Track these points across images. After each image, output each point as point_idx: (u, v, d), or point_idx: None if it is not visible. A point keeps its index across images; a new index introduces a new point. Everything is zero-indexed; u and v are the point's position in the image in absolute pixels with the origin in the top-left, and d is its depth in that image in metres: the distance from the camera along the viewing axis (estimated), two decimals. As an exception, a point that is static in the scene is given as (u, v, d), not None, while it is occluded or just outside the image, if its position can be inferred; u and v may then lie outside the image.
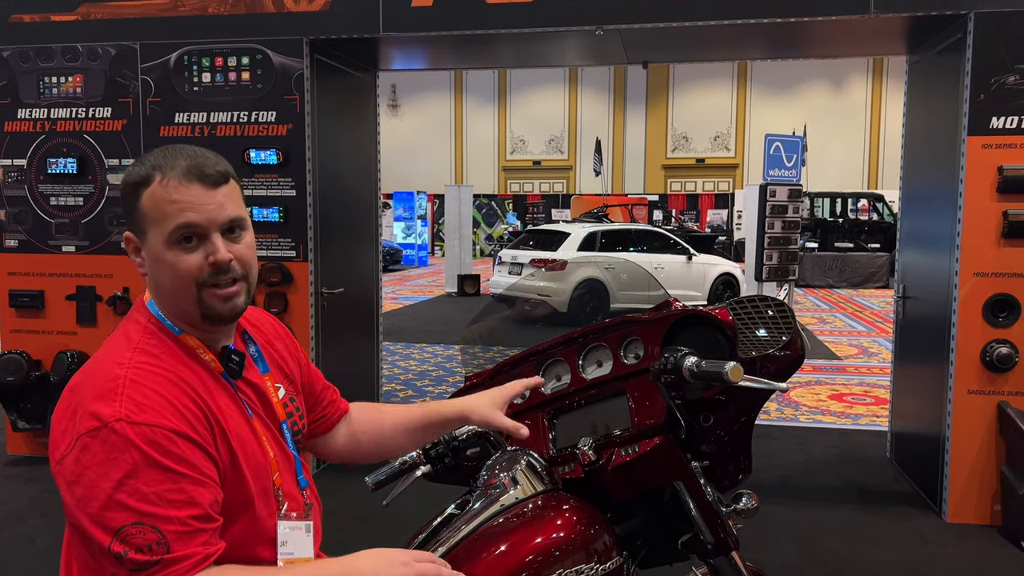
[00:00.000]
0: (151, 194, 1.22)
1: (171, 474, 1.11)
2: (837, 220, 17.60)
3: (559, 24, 4.18)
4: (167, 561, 1.08)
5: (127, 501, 1.08)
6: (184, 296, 1.24)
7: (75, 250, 4.70)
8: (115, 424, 1.11)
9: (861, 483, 4.54)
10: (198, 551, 1.11)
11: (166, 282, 1.24)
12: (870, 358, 8.57)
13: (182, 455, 1.13)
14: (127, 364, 1.19)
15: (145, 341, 1.24)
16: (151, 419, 1.12)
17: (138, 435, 1.10)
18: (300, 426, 1.46)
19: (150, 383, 1.17)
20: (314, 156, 4.49)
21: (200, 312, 1.25)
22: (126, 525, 1.08)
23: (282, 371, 1.46)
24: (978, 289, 3.81)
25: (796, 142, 10.56)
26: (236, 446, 1.24)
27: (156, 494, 1.09)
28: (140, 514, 1.08)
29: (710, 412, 1.59)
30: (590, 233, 11.46)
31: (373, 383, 5.49)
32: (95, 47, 4.56)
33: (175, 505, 1.10)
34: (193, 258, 1.22)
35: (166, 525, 1.09)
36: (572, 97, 26.86)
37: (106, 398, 1.13)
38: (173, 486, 1.10)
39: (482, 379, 1.82)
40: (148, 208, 1.22)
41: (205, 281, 1.23)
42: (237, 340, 1.37)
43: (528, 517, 1.46)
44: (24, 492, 4.31)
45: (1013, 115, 3.74)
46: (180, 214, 1.20)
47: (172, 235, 1.21)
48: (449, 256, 14.96)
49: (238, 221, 1.27)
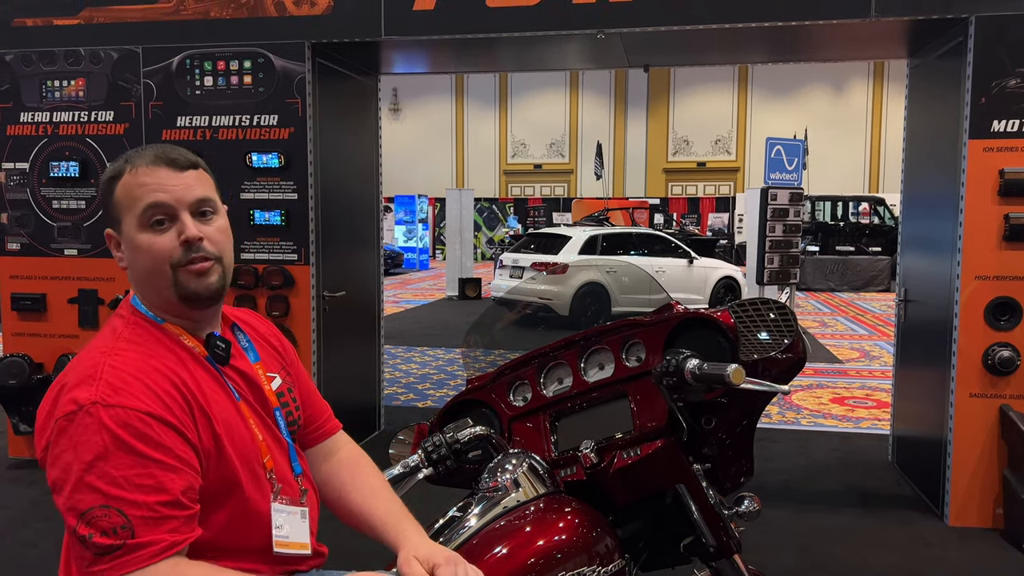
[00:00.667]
0: (123, 184, 1.27)
1: (141, 458, 1.11)
2: (838, 223, 17.61)
3: (560, 28, 4.19)
4: (130, 546, 1.08)
5: (95, 483, 1.09)
6: (160, 279, 1.26)
7: (77, 253, 4.71)
8: (90, 407, 1.12)
9: (863, 487, 4.53)
10: (163, 538, 1.10)
11: (142, 267, 1.27)
12: (871, 361, 8.56)
13: (156, 439, 1.13)
14: (109, 351, 1.21)
15: (129, 331, 1.27)
16: (126, 402, 1.13)
17: (111, 417, 1.11)
18: (296, 416, 1.46)
19: (129, 368, 1.18)
20: (316, 159, 4.50)
21: (177, 294, 1.27)
22: (92, 507, 1.09)
23: (276, 363, 1.46)
24: (979, 292, 3.81)
25: (797, 146, 10.57)
26: (221, 429, 1.25)
27: (125, 478, 1.10)
28: (107, 497, 1.09)
29: (712, 415, 1.59)
30: (591, 237, 11.46)
31: (374, 386, 5.49)
32: (97, 51, 4.57)
33: (143, 490, 1.10)
34: (165, 239, 1.25)
35: (132, 509, 1.09)
36: (573, 101, 26.89)
37: (84, 383, 1.15)
38: (143, 471, 1.11)
39: (484, 382, 1.82)
40: (121, 197, 1.27)
41: (179, 261, 1.26)
42: (225, 331, 1.39)
43: (530, 520, 1.46)
44: (26, 496, 4.31)
45: (1014, 118, 3.74)
46: (149, 194, 1.25)
47: (143, 216, 1.25)
48: (450, 260, 14.97)
49: (208, 202, 1.30)
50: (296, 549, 1.33)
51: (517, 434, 1.73)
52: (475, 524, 1.46)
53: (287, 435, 1.40)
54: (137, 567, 1.08)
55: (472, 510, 1.49)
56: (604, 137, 25.93)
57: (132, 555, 1.08)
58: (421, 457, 1.59)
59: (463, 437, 1.60)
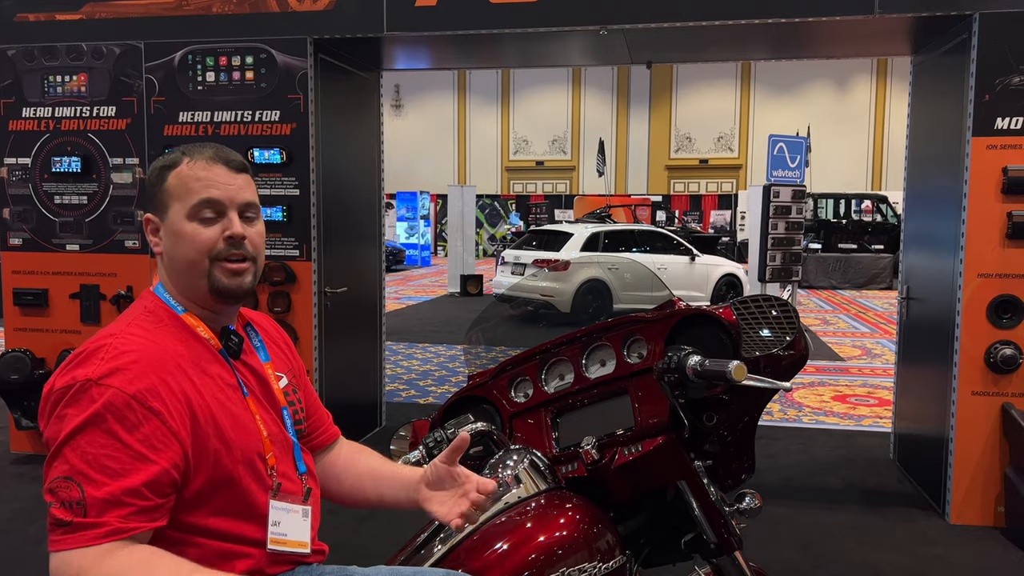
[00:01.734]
0: (178, 173, 1.33)
1: (115, 441, 1.13)
2: (841, 221, 17.58)
3: (563, 24, 4.18)
4: (76, 525, 1.11)
5: (68, 455, 1.13)
6: (197, 269, 1.31)
7: (79, 249, 4.71)
8: (84, 383, 1.16)
9: (864, 484, 4.53)
10: (109, 522, 1.11)
11: (181, 255, 1.32)
12: (873, 359, 8.56)
13: (135, 423, 1.15)
14: (117, 334, 1.24)
15: (142, 318, 1.30)
16: (117, 383, 1.16)
17: (100, 395, 1.14)
18: (301, 416, 1.48)
19: (132, 351, 1.21)
20: (318, 155, 4.50)
21: (209, 286, 1.32)
22: (58, 477, 1.12)
23: (284, 365, 1.49)
24: (982, 290, 3.80)
25: (800, 143, 10.55)
26: (222, 419, 1.26)
27: (94, 456, 1.12)
28: (73, 469, 1.12)
29: (713, 412, 1.59)
30: (593, 234, 11.45)
31: (376, 383, 5.49)
32: (100, 46, 4.57)
33: (107, 472, 1.12)
34: (210, 231, 1.31)
35: (91, 488, 1.11)
36: (575, 97, 26.86)
37: (85, 362, 1.19)
38: (112, 453, 1.13)
39: (485, 378, 1.82)
40: (174, 186, 1.32)
41: (219, 254, 1.31)
42: (239, 328, 1.42)
43: (531, 516, 1.46)
44: (29, 491, 4.32)
45: (1018, 116, 3.73)
46: (204, 189, 1.31)
47: (194, 209, 1.31)
48: (452, 256, 14.97)
49: (253, 206, 1.37)
50: (292, 547, 1.33)
51: (518, 430, 1.73)
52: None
53: (293, 433, 1.42)
54: (76, 546, 1.10)
55: (473, 506, 1.49)
56: (606, 134, 25.91)
57: (76, 534, 1.10)
58: (422, 453, 1.59)
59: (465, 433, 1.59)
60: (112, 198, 4.65)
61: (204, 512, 1.24)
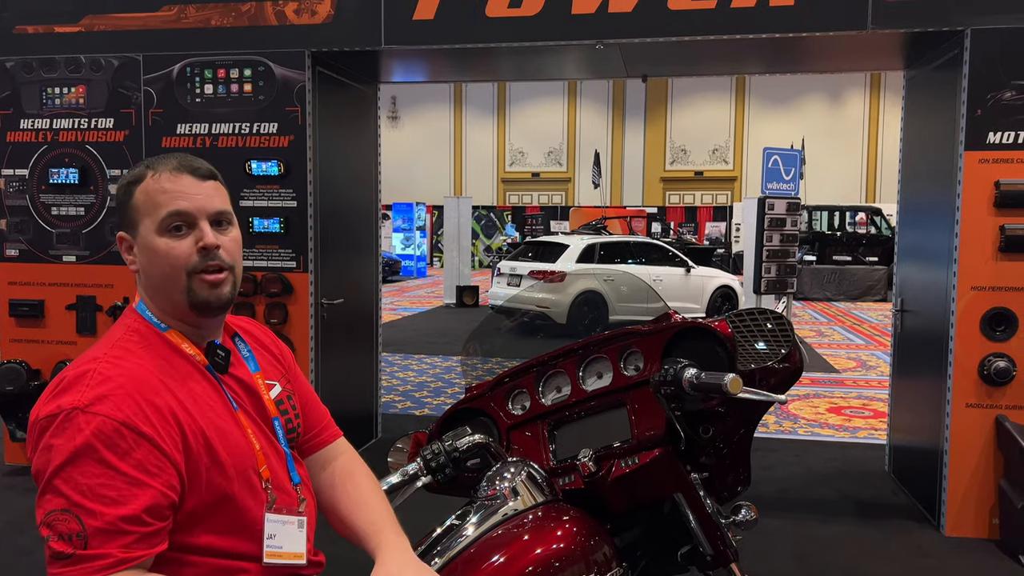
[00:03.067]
0: (144, 188, 1.29)
1: (108, 469, 1.12)
2: (835, 233, 17.65)
3: (559, 38, 4.21)
4: (79, 557, 1.09)
5: (61, 487, 1.11)
6: (174, 284, 1.28)
7: (76, 260, 4.71)
8: (70, 412, 1.14)
9: (859, 496, 4.54)
10: (112, 553, 1.10)
11: (157, 271, 1.29)
12: (868, 371, 8.58)
13: (127, 450, 1.13)
14: (101, 358, 1.22)
15: (126, 339, 1.27)
16: (104, 410, 1.14)
17: (88, 424, 1.12)
18: (295, 424, 1.46)
19: (116, 376, 1.19)
20: (315, 167, 4.51)
21: (188, 300, 1.28)
22: (54, 511, 1.10)
23: (276, 371, 1.47)
24: (975, 303, 3.83)
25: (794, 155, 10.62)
26: (214, 437, 1.25)
27: (89, 486, 1.10)
28: (69, 502, 1.10)
29: (709, 424, 1.60)
30: (589, 245, 11.48)
31: (372, 394, 5.49)
32: (98, 58, 4.59)
33: (104, 501, 1.11)
34: (183, 244, 1.27)
35: (90, 519, 1.10)
36: (571, 110, 26.97)
37: (70, 389, 1.17)
38: (107, 482, 1.11)
39: (482, 390, 1.83)
40: (141, 201, 1.28)
41: (195, 267, 1.28)
42: (226, 340, 1.40)
43: (528, 528, 1.47)
44: (22, 503, 4.30)
45: (1010, 130, 3.77)
46: (172, 202, 1.27)
47: (163, 222, 1.27)
48: (448, 267, 14.98)
49: (225, 215, 1.33)
50: (289, 559, 1.32)
51: (516, 443, 1.74)
52: (473, 532, 1.46)
53: (285, 444, 1.40)
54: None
55: (470, 518, 1.49)
56: (602, 146, 26.01)
57: (78, 566, 1.09)
58: (420, 465, 1.59)
59: (462, 445, 1.60)
60: (109, 209, 4.66)
61: (199, 531, 1.23)
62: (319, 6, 4.37)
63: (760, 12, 3.98)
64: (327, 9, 4.37)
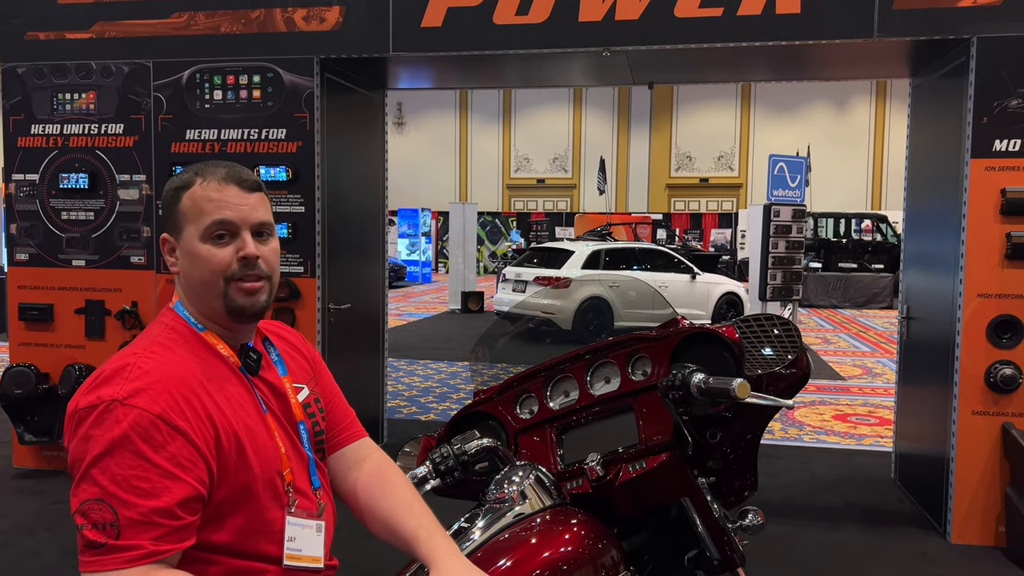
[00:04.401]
0: (191, 194, 1.33)
1: (144, 461, 1.14)
2: (841, 240, 17.63)
3: (566, 45, 4.23)
4: (111, 547, 1.11)
5: (97, 477, 1.13)
6: (212, 289, 1.32)
7: (85, 264, 4.74)
8: (109, 403, 1.16)
9: (865, 503, 4.53)
10: (144, 545, 1.12)
11: (197, 275, 1.33)
12: (874, 378, 8.56)
13: (162, 443, 1.16)
14: (140, 353, 1.25)
15: (165, 336, 1.31)
16: (142, 403, 1.17)
17: (126, 416, 1.15)
18: (321, 427, 1.48)
19: (154, 371, 1.22)
20: (323, 173, 4.54)
21: (225, 306, 1.33)
22: (90, 499, 1.13)
23: (305, 374, 1.50)
24: (982, 310, 3.83)
25: (800, 163, 10.61)
26: (243, 436, 1.28)
27: (124, 477, 1.13)
28: (104, 491, 1.13)
29: (717, 429, 1.61)
30: (594, 251, 11.49)
31: (378, 399, 5.51)
32: (108, 64, 4.63)
33: (137, 492, 1.13)
34: (224, 252, 1.32)
35: (123, 509, 1.12)
36: (576, 116, 27.02)
37: (109, 382, 1.20)
38: (142, 473, 1.14)
39: (490, 395, 1.84)
40: (187, 207, 1.33)
41: (233, 275, 1.32)
42: (257, 343, 1.44)
43: (536, 531, 1.48)
44: (30, 505, 4.32)
45: (1016, 138, 3.77)
46: (217, 211, 1.32)
47: (208, 230, 1.31)
48: (453, 273, 15.00)
49: (267, 226, 1.38)
50: (307, 563, 1.34)
51: (524, 446, 1.75)
52: (481, 536, 1.47)
53: (309, 448, 1.42)
54: (112, 568, 1.11)
55: (478, 522, 1.50)
56: (607, 152, 26.04)
57: (110, 556, 1.11)
58: (429, 468, 1.60)
59: (470, 449, 1.61)
60: (119, 214, 4.69)
61: (223, 530, 1.25)
62: (328, 13, 4.41)
63: (766, 20, 4.00)
64: (336, 16, 4.40)
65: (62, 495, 4.45)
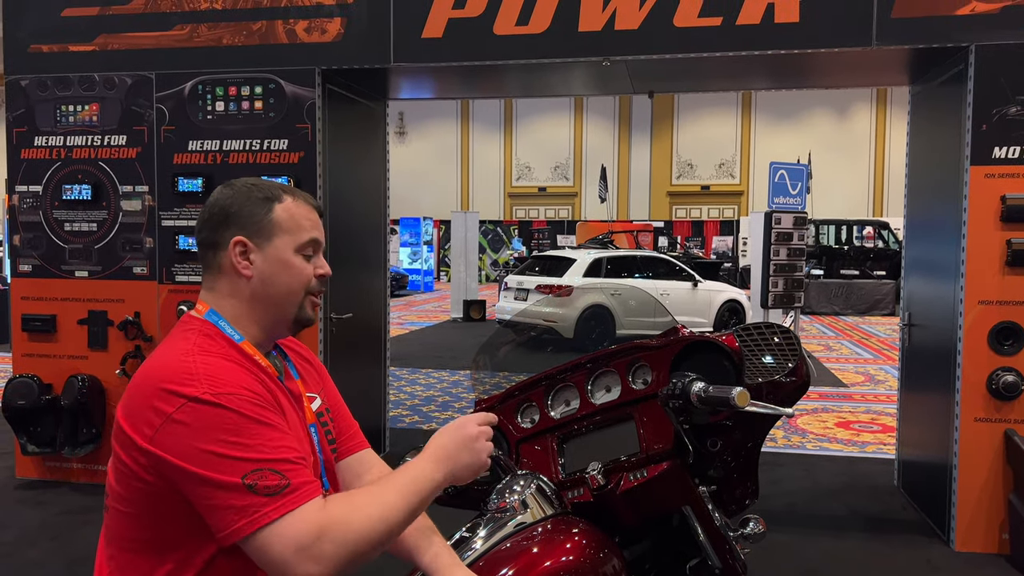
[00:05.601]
0: (286, 208, 1.41)
1: (264, 425, 1.22)
2: (843, 247, 17.63)
3: (566, 55, 4.25)
4: (294, 486, 1.19)
5: (239, 455, 1.19)
6: (293, 299, 1.41)
7: (88, 275, 4.76)
8: (203, 396, 1.21)
9: (868, 511, 4.52)
10: (315, 480, 1.24)
11: (283, 283, 1.40)
12: (877, 386, 8.55)
13: (264, 413, 1.24)
14: (193, 352, 1.28)
15: (202, 341, 1.33)
16: (232, 388, 1.23)
17: (228, 401, 1.21)
18: (332, 436, 1.52)
19: (218, 364, 1.27)
20: (325, 183, 4.56)
21: (296, 315, 1.42)
22: (247, 473, 1.18)
23: (316, 383, 1.54)
24: (983, 317, 3.83)
25: (801, 170, 10.62)
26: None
27: (259, 444, 1.20)
28: (254, 463, 1.19)
29: (717, 437, 1.62)
30: (596, 259, 11.50)
31: (380, 408, 5.51)
32: (112, 76, 4.66)
33: (278, 449, 1.21)
34: (309, 268, 1.43)
35: (279, 466, 1.20)
36: (578, 124, 27.07)
37: (185, 381, 1.22)
38: (269, 435, 1.22)
39: (492, 403, 1.85)
40: (283, 219, 1.40)
41: (312, 289, 1.43)
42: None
43: (538, 540, 1.48)
44: (34, 516, 4.32)
45: (1015, 145, 3.78)
46: (313, 229, 1.44)
47: (303, 245, 1.41)
48: (455, 282, 15.01)
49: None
50: None
51: (525, 456, 1.76)
52: (483, 545, 1.48)
53: (320, 452, 1.45)
54: (305, 500, 1.19)
55: (480, 531, 1.51)
56: (608, 160, 26.07)
57: (301, 490, 1.19)
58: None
59: (472, 458, 1.61)
60: (121, 225, 4.71)
61: None
62: (329, 24, 4.43)
63: (765, 29, 4.02)
64: (337, 27, 4.43)
65: (65, 506, 4.46)
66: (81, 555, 3.76)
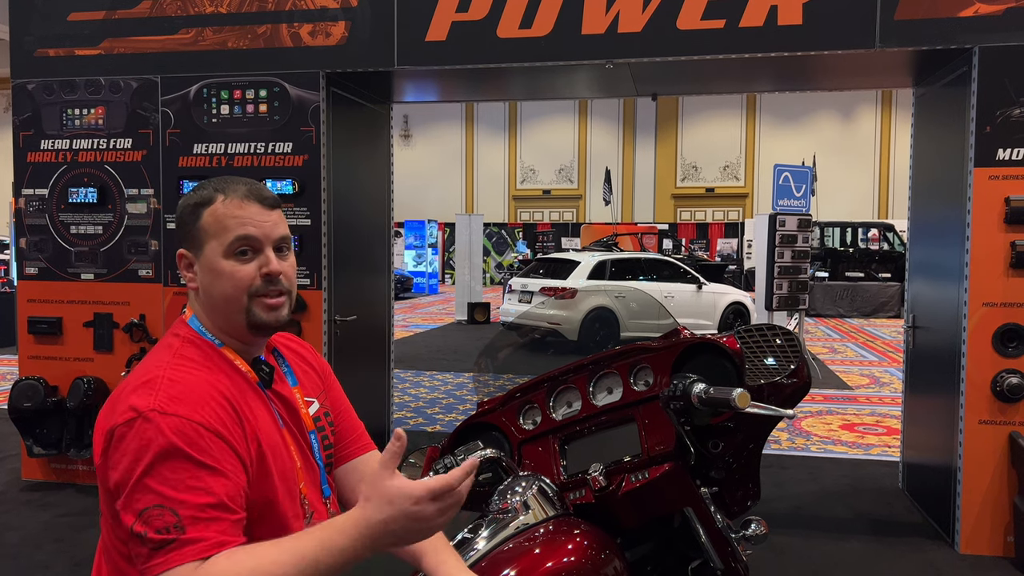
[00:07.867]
0: (213, 211, 1.34)
1: (193, 463, 1.17)
2: (847, 249, 17.59)
3: (570, 58, 4.26)
4: (182, 541, 1.13)
5: (152, 485, 1.15)
6: (235, 305, 1.34)
7: (93, 278, 4.78)
8: (148, 413, 1.18)
9: (873, 513, 4.51)
10: (212, 537, 1.15)
11: (219, 291, 1.34)
12: (881, 388, 8.53)
13: (206, 447, 1.19)
14: (166, 365, 1.28)
15: (185, 349, 1.33)
16: (182, 411, 1.19)
17: (168, 425, 1.18)
18: (330, 441, 1.50)
19: (185, 382, 1.24)
20: (329, 186, 4.57)
21: (247, 321, 1.35)
22: (148, 507, 1.15)
23: (315, 387, 1.52)
24: (987, 319, 3.82)
25: (805, 172, 10.60)
26: (267, 449, 1.31)
27: (178, 480, 1.15)
28: (162, 497, 1.15)
29: (719, 439, 1.62)
30: (600, 262, 11.50)
31: (384, 410, 5.52)
32: (117, 80, 4.68)
33: (193, 491, 1.15)
34: (248, 268, 1.34)
35: (183, 509, 1.14)
36: (582, 127, 27.08)
37: (143, 392, 1.22)
38: (193, 474, 1.16)
39: (494, 405, 1.85)
40: (209, 224, 1.34)
41: (257, 291, 1.34)
42: (267, 355, 1.45)
43: (540, 542, 1.48)
44: (39, 518, 4.34)
45: (1019, 147, 3.78)
46: (240, 227, 1.33)
47: (231, 246, 1.33)
48: (459, 284, 15.03)
49: (286, 241, 1.39)
50: None
51: (527, 457, 1.76)
52: (485, 546, 1.48)
53: (319, 459, 1.45)
54: (190, 559, 1.13)
55: (482, 532, 1.51)
56: (613, 163, 26.07)
57: (184, 549, 1.13)
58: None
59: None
60: (127, 228, 4.73)
61: (251, 538, 1.25)
62: (333, 28, 4.45)
63: (769, 32, 4.02)
64: (341, 31, 4.44)
65: (71, 508, 4.47)
66: (86, 557, 3.78)
